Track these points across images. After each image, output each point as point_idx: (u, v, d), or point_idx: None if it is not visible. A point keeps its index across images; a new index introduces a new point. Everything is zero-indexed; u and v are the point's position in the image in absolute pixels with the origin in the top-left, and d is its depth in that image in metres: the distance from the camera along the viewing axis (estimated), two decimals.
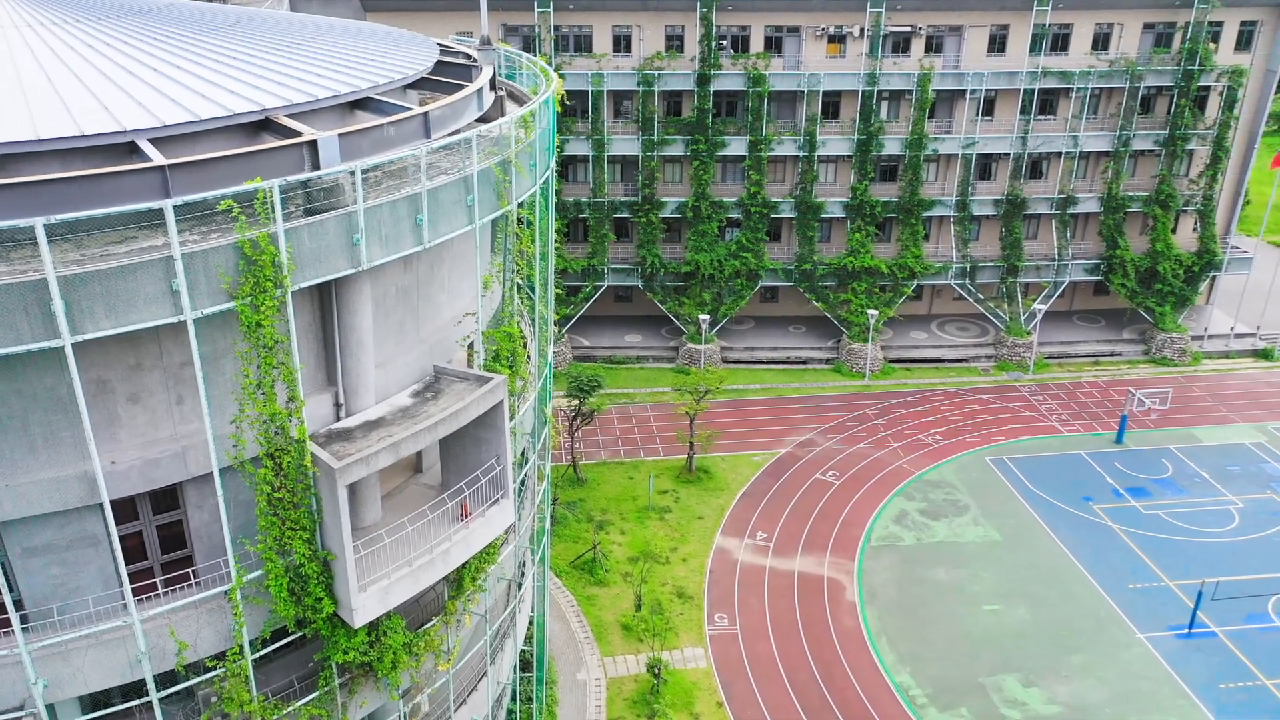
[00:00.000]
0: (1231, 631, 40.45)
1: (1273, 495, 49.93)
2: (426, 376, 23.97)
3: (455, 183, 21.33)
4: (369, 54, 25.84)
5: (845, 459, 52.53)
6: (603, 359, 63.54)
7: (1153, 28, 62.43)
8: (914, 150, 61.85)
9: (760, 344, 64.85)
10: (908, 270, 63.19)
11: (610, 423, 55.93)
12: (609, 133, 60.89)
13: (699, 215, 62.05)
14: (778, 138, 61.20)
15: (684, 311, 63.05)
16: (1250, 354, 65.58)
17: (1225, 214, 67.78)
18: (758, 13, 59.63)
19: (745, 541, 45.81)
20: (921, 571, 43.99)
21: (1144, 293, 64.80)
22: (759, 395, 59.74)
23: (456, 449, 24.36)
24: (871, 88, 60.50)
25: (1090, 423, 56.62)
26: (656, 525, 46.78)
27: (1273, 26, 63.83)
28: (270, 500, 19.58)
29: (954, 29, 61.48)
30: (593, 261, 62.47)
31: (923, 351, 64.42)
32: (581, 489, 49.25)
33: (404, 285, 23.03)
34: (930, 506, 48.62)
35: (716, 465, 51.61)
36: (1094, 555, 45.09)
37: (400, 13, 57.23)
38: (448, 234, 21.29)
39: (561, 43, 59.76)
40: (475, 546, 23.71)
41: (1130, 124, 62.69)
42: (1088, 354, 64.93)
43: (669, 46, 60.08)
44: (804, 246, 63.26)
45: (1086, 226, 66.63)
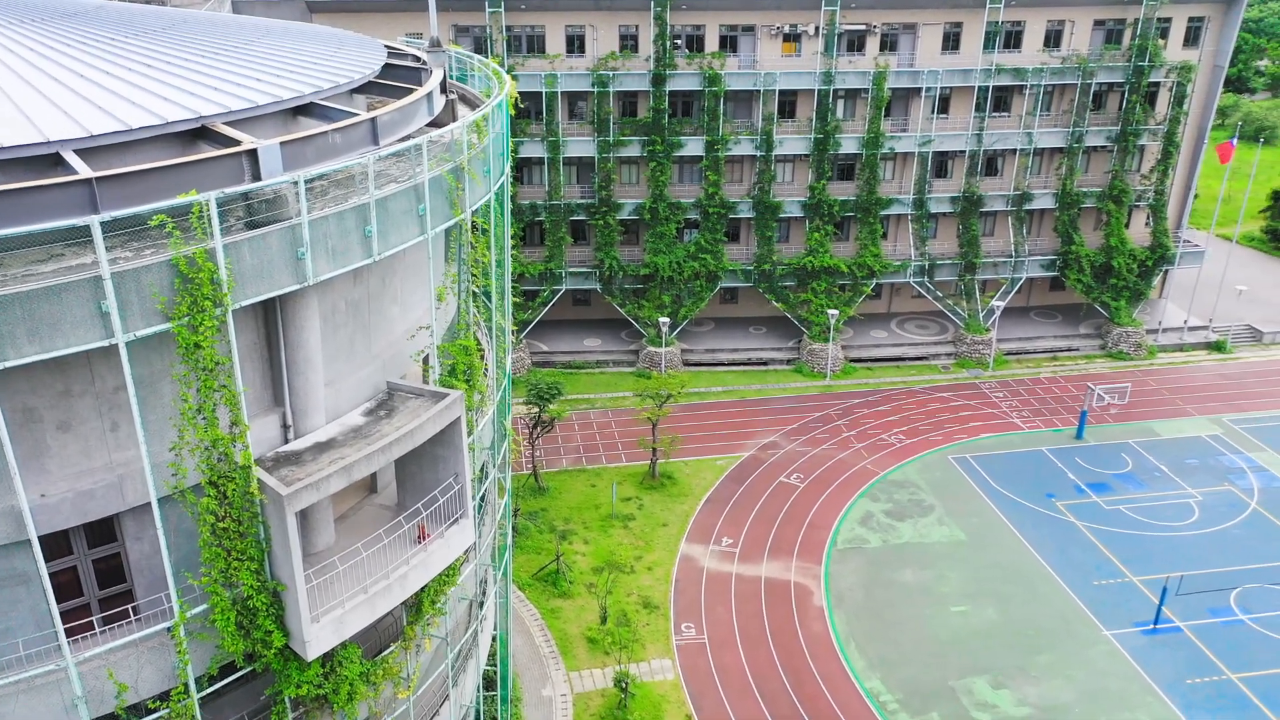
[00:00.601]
0: (1195, 626, 40.58)
1: (1230, 488, 50.34)
2: (380, 394, 22.99)
3: (406, 191, 20.41)
4: (313, 57, 24.78)
5: (809, 461, 52.13)
6: (562, 364, 62.65)
7: (1103, 24, 62.85)
8: (871, 149, 61.69)
9: (721, 346, 64.33)
10: (867, 269, 63.02)
11: (571, 429, 55.06)
12: (564, 134, 60.01)
13: (657, 217, 61.38)
14: (734, 138, 60.71)
15: (643, 314, 62.34)
16: (1204, 346, 66.32)
17: (1176, 208, 68.49)
18: (712, 12, 59.08)
19: (711, 548, 45.21)
20: (888, 574, 43.67)
21: (1099, 288, 65.25)
22: (721, 398, 59.20)
23: (413, 468, 23.42)
24: (827, 86, 60.23)
25: (1050, 419, 56.81)
26: (620, 534, 46.02)
27: (1219, 22, 64.58)
28: (214, 530, 18.52)
29: (908, 27, 61.41)
30: (550, 265, 61.54)
31: (883, 350, 64.31)
32: (543, 498, 48.35)
33: (354, 299, 22.04)
34: (895, 507, 48.37)
35: (680, 470, 50.96)
36: (1058, 552, 45.09)
37: (347, 13, 55.90)
38: (399, 245, 20.35)
39: (514, 43, 58.76)
40: (434, 570, 22.77)
41: (1083, 120, 63.05)
42: (1046, 349, 65.24)
43: (623, 46, 59.32)
44: (763, 247, 62.84)
45: (1042, 223, 66.97)
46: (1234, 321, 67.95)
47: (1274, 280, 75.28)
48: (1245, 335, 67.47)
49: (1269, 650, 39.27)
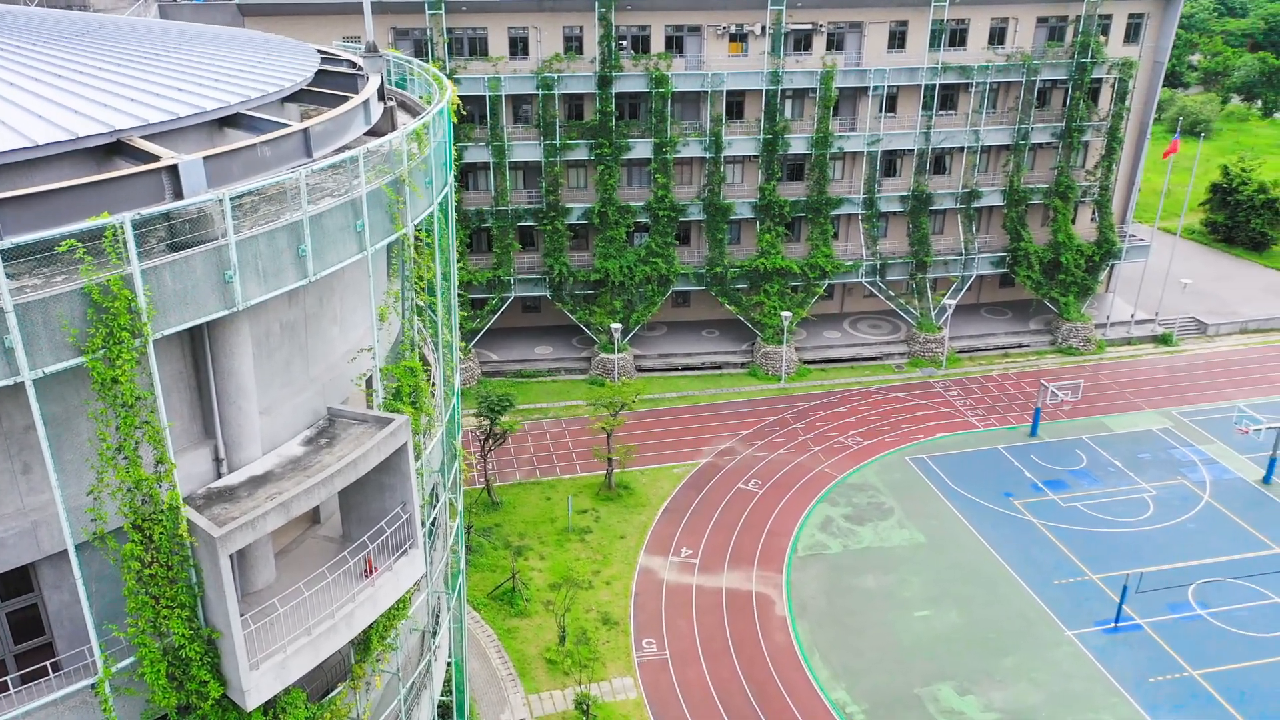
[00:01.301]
0: (1156, 623, 40.58)
1: (1183, 481, 50.66)
2: (320, 420, 21.71)
3: (342, 206, 19.19)
4: (240, 64, 23.39)
5: (767, 466, 51.48)
6: (513, 373, 61.36)
7: (1046, 21, 63.11)
8: (820, 149, 61.29)
9: (674, 350, 63.50)
10: (819, 270, 62.62)
11: (524, 440, 53.83)
12: (509, 138, 58.74)
13: (606, 221, 60.36)
14: (683, 139, 59.92)
15: (595, 321, 61.28)
16: (1151, 339, 66.97)
17: (1121, 203, 69.14)
18: (657, 12, 58.21)
19: (670, 559, 44.31)
20: (850, 580, 43.13)
21: (1048, 284, 65.56)
22: (676, 404, 58.35)
23: (358, 497, 22.17)
24: (775, 86, 59.69)
25: (1005, 416, 56.82)
26: (577, 547, 44.93)
27: (1159, 18, 65.24)
28: (140, 577, 17.14)
29: (854, 26, 61.11)
30: (498, 272, 60.22)
31: (837, 351, 63.96)
32: (497, 513, 47.09)
33: (289, 321, 20.75)
34: (855, 511, 47.89)
35: (636, 480, 49.99)
36: (1018, 552, 44.91)
37: (281, 17, 54.07)
38: (336, 264, 19.12)
39: (455, 46, 57.35)
40: (383, 605, 21.54)
41: (1028, 117, 63.27)
42: (997, 346, 65.39)
43: (568, 48, 58.22)
44: (714, 249, 62.13)
45: (990, 220, 67.15)
46: (1179, 314, 68.74)
47: (1216, 272, 76.40)
48: (1190, 328, 68.26)
49: (1228, 646, 39.37)
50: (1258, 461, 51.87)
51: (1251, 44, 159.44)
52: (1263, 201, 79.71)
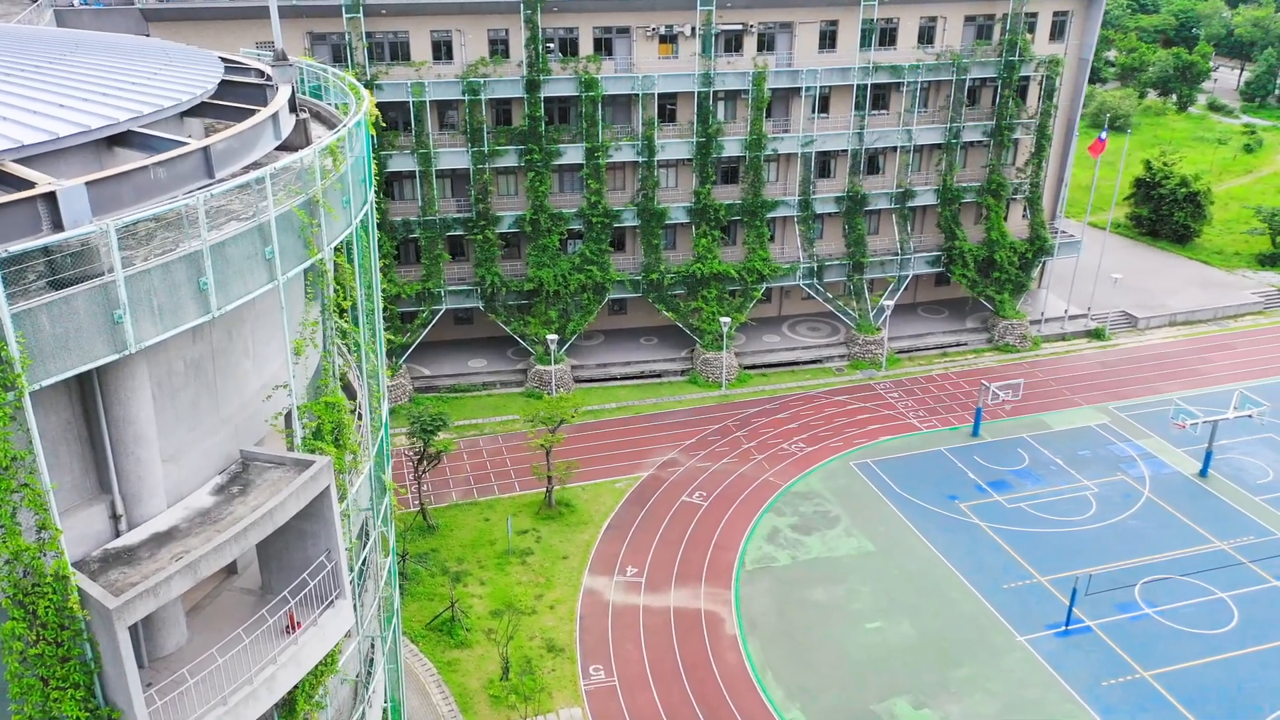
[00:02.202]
0: (1105, 624, 40.35)
1: (1123, 477, 50.82)
2: (233, 465, 19.86)
3: (249, 232, 17.43)
4: (133, 76, 21.36)
5: (711, 477, 50.37)
6: (446, 388, 59.34)
7: (973, 20, 63.10)
8: (754, 151, 60.42)
9: (612, 360, 62.09)
10: (756, 274, 61.75)
11: (460, 459, 51.91)
12: (435, 146, 56.73)
13: (538, 229, 58.70)
14: (615, 143, 58.53)
15: (530, 331, 59.57)
16: (1084, 335, 67.50)
17: (1051, 199, 69.61)
18: (585, 13, 56.73)
19: (615, 579, 42.88)
20: (800, 593, 42.18)
21: (983, 282, 65.63)
22: (615, 415, 56.94)
23: (277, 546, 20.36)
24: (707, 88, 58.63)
25: (946, 417, 56.55)
26: (518, 571, 43.26)
27: (1083, 16, 65.76)
28: (24, 658, 15.20)
29: (784, 26, 60.36)
30: (427, 285, 58.14)
31: (777, 355, 63.18)
32: (433, 537, 45.17)
33: (194, 358, 18.88)
34: (801, 521, 47.00)
35: (577, 496, 48.47)
36: (966, 557, 44.44)
37: (189, 22, 51.41)
38: (243, 296, 17.35)
39: (376, 51, 55.16)
40: (308, 664, 19.77)
41: (959, 116, 63.22)
42: (936, 346, 65.27)
43: (494, 51, 56.41)
44: (650, 255, 60.86)
45: (925, 219, 67.04)
46: (1110, 309, 69.46)
47: (1144, 266, 77.49)
48: (1122, 322, 69.01)
49: (1177, 644, 39.30)
50: (1193, 455, 52.29)
51: (1164, 40, 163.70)
52: (1185, 195, 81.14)
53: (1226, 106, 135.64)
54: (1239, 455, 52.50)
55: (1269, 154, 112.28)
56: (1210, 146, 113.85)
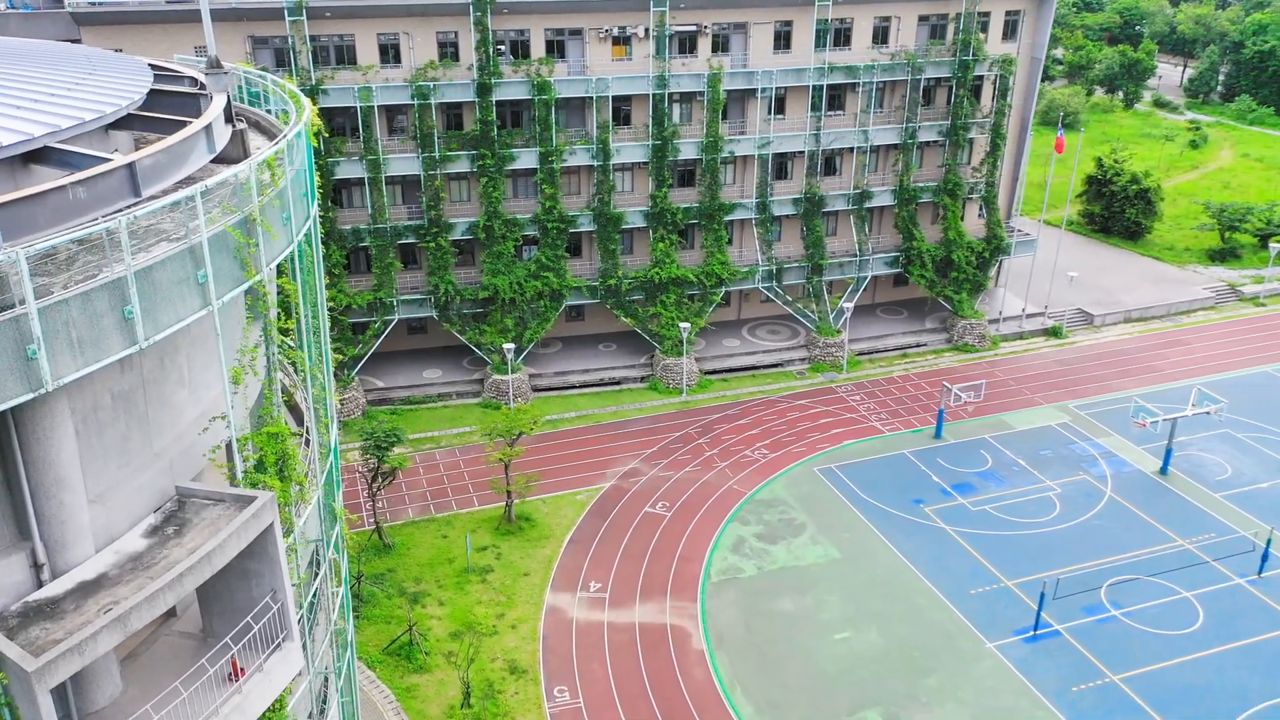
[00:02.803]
0: (1073, 628, 40.10)
1: (1085, 477, 50.78)
2: (168, 502, 18.57)
3: (179, 255, 16.17)
4: (53, 86, 19.95)
5: (674, 486, 49.49)
6: (400, 400, 57.85)
7: (927, 20, 62.90)
8: (710, 153, 59.64)
9: (571, 367, 60.98)
10: (715, 278, 60.99)
11: (416, 474, 50.52)
12: (384, 152, 55.24)
13: (492, 235, 57.43)
14: (569, 147, 57.44)
15: (486, 340, 58.28)
16: (1041, 333, 67.68)
17: (1006, 198, 69.71)
18: (536, 15, 55.58)
19: (579, 596, 41.82)
20: (767, 604, 41.44)
21: (941, 282, 65.50)
22: (575, 424, 55.86)
23: (219, 587, 19.08)
24: (662, 90, 57.74)
25: (909, 419, 56.21)
26: (478, 589, 42.03)
27: (1034, 15, 65.86)
28: None
29: (739, 27, 59.68)
30: (379, 294, 56.62)
31: (738, 360, 62.48)
32: (389, 557, 43.78)
33: (123, 390, 17.58)
34: (766, 530, 46.28)
35: (538, 510, 47.33)
36: (932, 562, 44.00)
37: (122, 26, 49.44)
38: (174, 324, 16.09)
39: (321, 55, 53.54)
40: (253, 713, 18.53)
41: (915, 116, 62.97)
42: (896, 347, 65.01)
43: (443, 55, 55.04)
44: (607, 261, 59.86)
45: (883, 220, 66.76)
46: (1067, 307, 69.74)
47: (1098, 263, 77.98)
48: (1078, 320, 69.32)
49: (1145, 646, 39.13)
50: (1153, 452, 52.44)
51: (1109, 37, 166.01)
52: (1136, 192, 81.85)
53: (1171, 103, 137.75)
54: (1197, 452, 52.74)
55: (1214, 150, 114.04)
56: (1157, 143, 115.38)
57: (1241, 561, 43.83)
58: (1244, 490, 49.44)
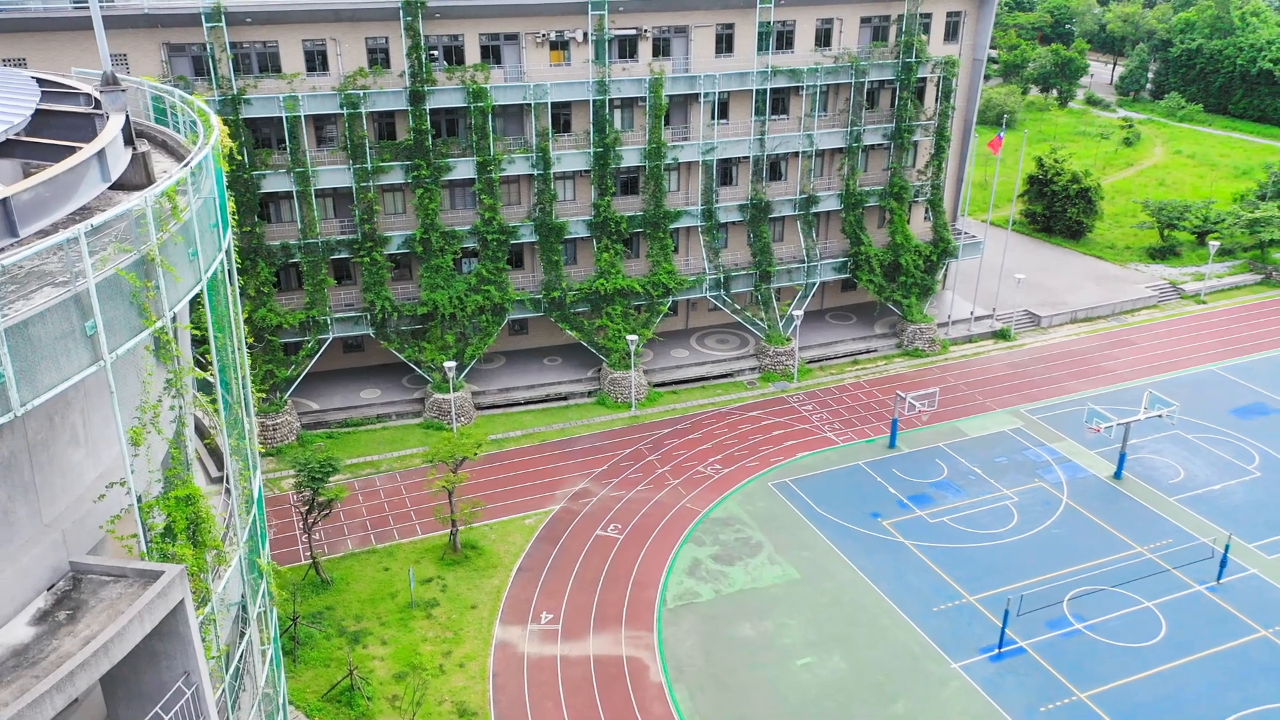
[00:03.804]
0: (1038, 644, 39.22)
1: (1041, 484, 50.17)
2: (61, 579, 16.38)
3: (61, 305, 14.11)
4: None
5: (626, 507, 47.79)
6: (337, 423, 55.29)
7: (869, 21, 62.02)
8: (654, 160, 58.06)
9: (515, 383, 58.95)
10: (662, 287, 59.42)
11: (355, 501, 48.14)
12: (313, 163, 52.69)
13: (430, 249, 55.19)
14: (508, 156, 55.43)
15: (426, 358, 55.98)
16: (990, 336, 67.29)
17: (952, 200, 69.25)
18: (470, 19, 53.46)
19: (530, 628, 39.90)
20: (726, 630, 39.92)
21: (890, 286, 64.73)
22: (521, 443, 53.88)
23: (124, 671, 16.92)
24: (602, 96, 56.01)
25: (862, 429, 55.20)
26: (423, 625, 39.89)
27: (975, 16, 65.41)
28: None
29: (680, 30, 58.14)
30: (312, 313, 54.02)
31: (687, 371, 60.98)
32: (328, 594, 41.42)
33: (6, 456, 15.40)
34: (723, 550, 44.80)
35: (484, 537, 45.31)
36: (893, 579, 42.90)
37: (22, 34, 46.26)
38: (57, 386, 14.03)
39: (243, 62, 50.83)
40: None
41: (859, 119, 62.07)
42: (846, 354, 64.06)
43: (373, 61, 52.68)
44: (550, 272, 57.93)
45: (829, 225, 65.80)
46: (1014, 308, 69.50)
47: (1041, 263, 78.03)
48: (1026, 321, 69.10)
49: (1110, 660, 38.38)
50: (1107, 456, 52.08)
51: (1041, 36, 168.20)
52: (1076, 191, 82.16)
53: (1104, 101, 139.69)
54: (1150, 455, 52.48)
55: (1147, 147, 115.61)
56: (1093, 141, 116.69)
57: (1200, 568, 43.44)
58: (1197, 493, 49.21)
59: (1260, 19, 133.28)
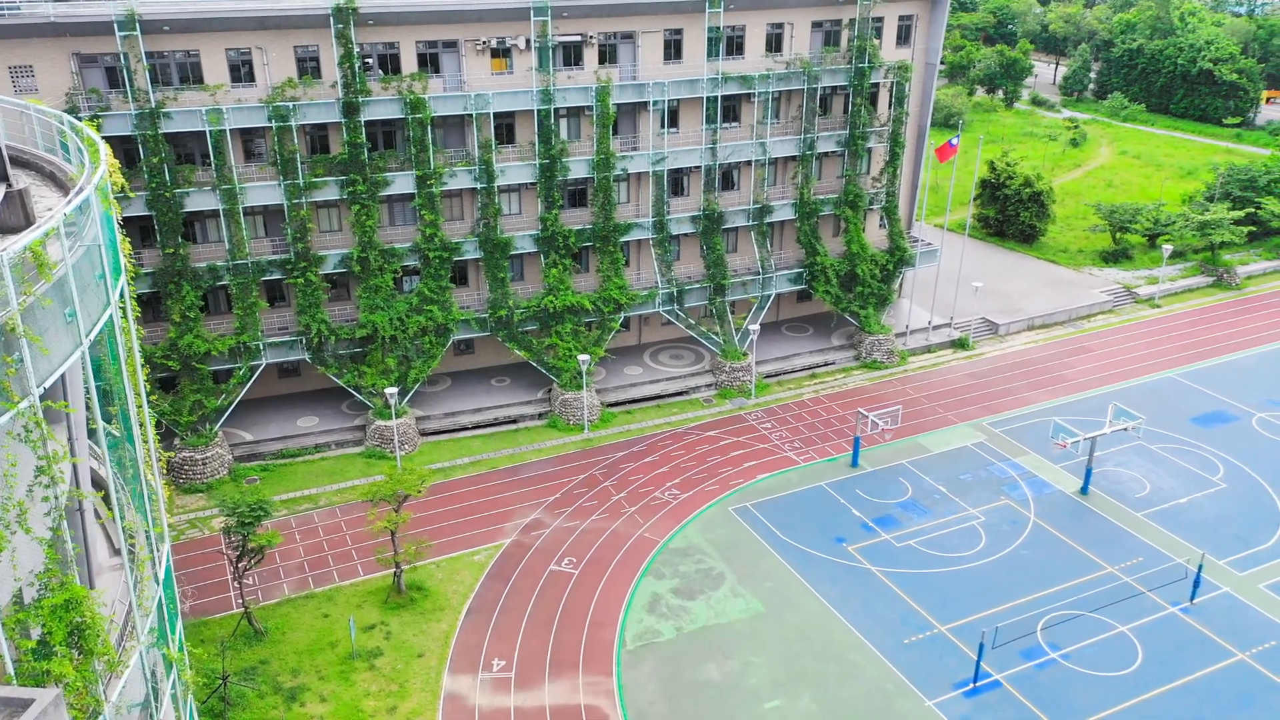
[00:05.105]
0: (1013, 676, 37.68)
1: (1007, 501, 48.84)
2: None
3: None
4: None
5: (581, 539, 45.48)
6: (272, 454, 52.21)
7: (821, 26, 60.38)
8: (602, 171, 55.80)
9: (462, 407, 56.30)
10: (613, 303, 57.19)
11: (291, 540, 45.23)
12: (241, 180, 49.63)
13: (368, 268, 52.38)
14: (449, 170, 52.81)
15: (366, 383, 53.13)
16: (949, 345, 66.09)
17: (907, 207, 67.94)
18: (406, 26, 50.76)
19: (481, 677, 37.42)
20: (690, 671, 37.81)
21: (847, 297, 63.17)
22: (469, 471, 51.30)
23: None
24: (547, 106, 53.62)
25: (823, 447, 53.48)
26: (366, 678, 37.21)
27: (927, 19, 64.13)
28: None
29: (626, 36, 55.95)
30: (242, 338, 50.91)
31: (641, 389, 58.80)
32: (262, 646, 38.53)
33: None
34: (683, 583, 42.69)
35: (431, 576, 42.72)
36: (861, 610, 41.13)
37: None
38: None
39: (162, 74, 47.61)
40: None
41: (813, 126, 60.41)
42: (804, 367, 62.38)
43: (303, 71, 49.75)
44: (496, 290, 55.40)
45: (784, 235, 64.08)
46: (971, 316, 68.42)
47: (996, 268, 77.16)
48: (984, 329, 68.05)
49: (1088, 692, 36.96)
50: (1072, 470, 50.95)
51: (985, 37, 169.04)
52: (1029, 195, 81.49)
53: (1049, 101, 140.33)
54: (1115, 468, 51.43)
55: (1093, 147, 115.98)
56: (1040, 142, 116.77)
57: (1174, 589, 42.28)
58: (1164, 508, 48.22)
59: (1198, 18, 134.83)
